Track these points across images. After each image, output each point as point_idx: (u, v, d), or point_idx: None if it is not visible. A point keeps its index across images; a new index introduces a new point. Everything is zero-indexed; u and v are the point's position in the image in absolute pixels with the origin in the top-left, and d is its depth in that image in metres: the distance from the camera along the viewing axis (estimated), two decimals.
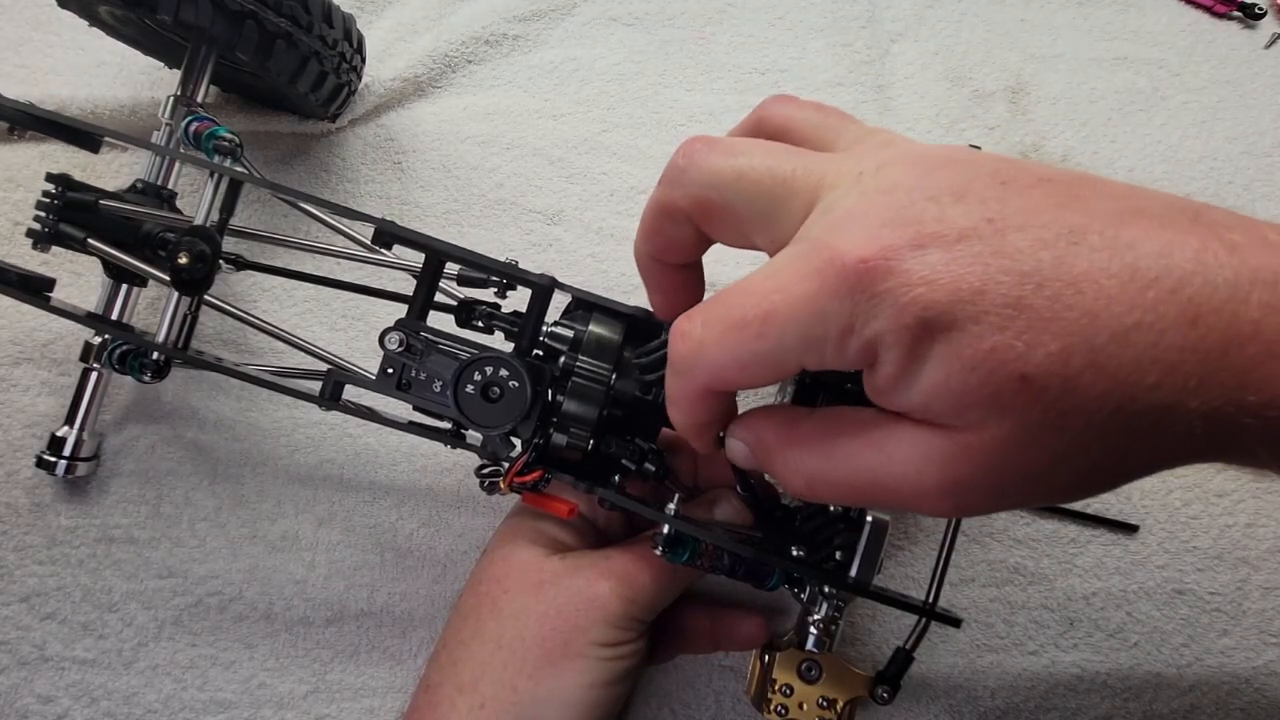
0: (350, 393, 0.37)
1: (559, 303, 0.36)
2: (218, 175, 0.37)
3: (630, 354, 0.34)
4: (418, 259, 0.36)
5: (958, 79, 0.53)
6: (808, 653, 0.37)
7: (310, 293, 0.48)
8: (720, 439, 0.30)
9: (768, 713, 0.37)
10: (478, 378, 0.33)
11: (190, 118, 0.39)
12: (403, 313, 0.36)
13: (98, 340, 0.42)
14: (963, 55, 0.54)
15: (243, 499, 0.46)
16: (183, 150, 0.40)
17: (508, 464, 0.34)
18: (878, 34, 0.54)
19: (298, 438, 0.46)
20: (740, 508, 0.38)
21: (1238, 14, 0.55)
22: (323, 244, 0.40)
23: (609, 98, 0.53)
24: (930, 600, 0.36)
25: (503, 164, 0.51)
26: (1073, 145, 0.52)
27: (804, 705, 0.37)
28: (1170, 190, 0.23)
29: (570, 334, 0.34)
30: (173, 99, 0.42)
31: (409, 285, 0.37)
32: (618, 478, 0.35)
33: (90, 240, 0.39)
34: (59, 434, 0.43)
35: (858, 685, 0.37)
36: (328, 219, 0.41)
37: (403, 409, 0.38)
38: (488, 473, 0.36)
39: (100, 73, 0.51)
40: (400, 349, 0.34)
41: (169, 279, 0.36)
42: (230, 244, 0.40)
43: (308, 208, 0.41)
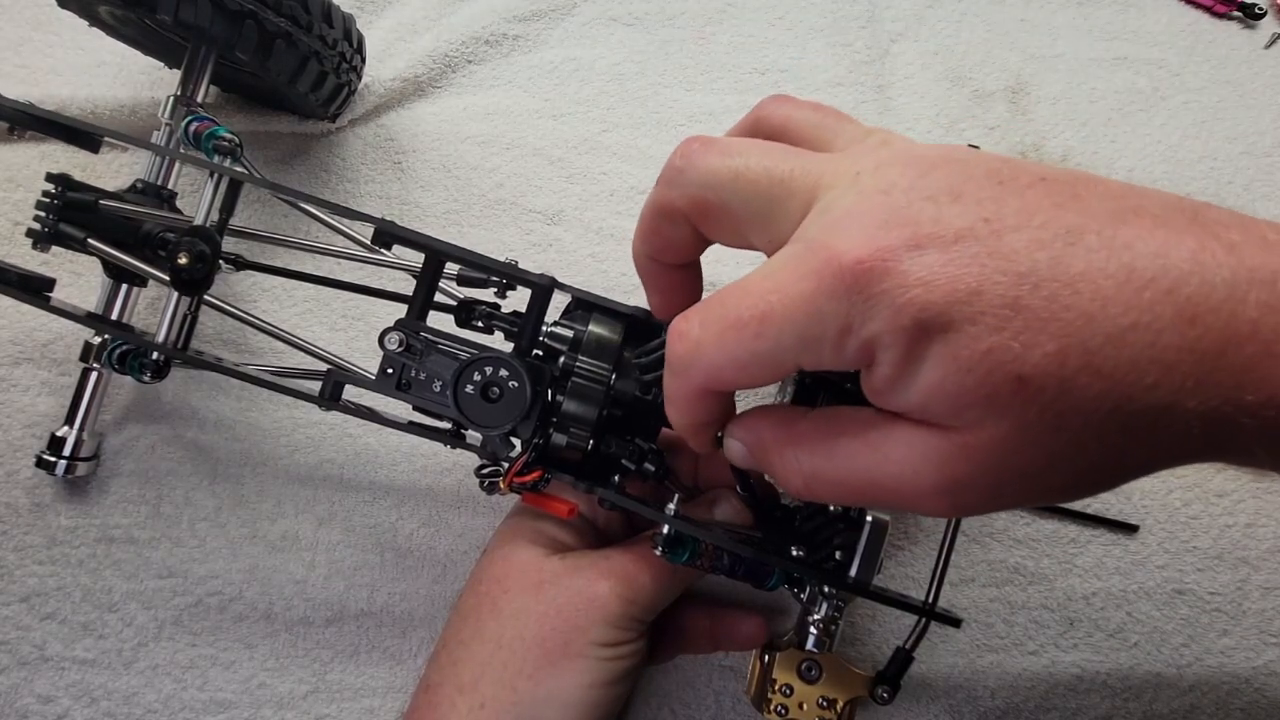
0: (350, 393, 0.37)
1: (559, 303, 0.36)
2: (218, 175, 0.37)
3: (630, 354, 0.34)
4: (417, 259, 0.36)
5: (958, 79, 0.53)
6: (808, 653, 0.37)
7: (310, 293, 0.48)
8: (719, 439, 0.30)
9: (768, 713, 0.37)
10: (477, 378, 0.33)
11: (190, 118, 0.39)
12: (403, 313, 0.36)
13: (98, 340, 0.42)
14: (963, 55, 0.54)
15: (243, 499, 0.46)
16: (183, 150, 0.40)
17: (507, 464, 0.34)
18: (878, 34, 0.54)
19: (298, 438, 0.46)
20: (740, 508, 0.38)
21: (1238, 14, 0.55)
22: (323, 244, 0.40)
23: (609, 98, 0.53)
24: (930, 600, 0.35)
25: (503, 164, 0.51)
26: (1073, 145, 0.52)
27: (804, 705, 0.37)
28: (1170, 190, 0.23)
29: (570, 334, 0.34)
30: (173, 99, 0.42)
31: (409, 285, 0.37)
32: (617, 478, 0.35)
33: (90, 240, 0.39)
34: (59, 434, 0.43)
35: (858, 685, 0.37)
36: (328, 219, 0.41)
37: (403, 409, 0.38)
38: (487, 473, 0.36)
39: (100, 73, 0.51)
40: (400, 349, 0.34)
41: (169, 279, 0.36)
42: (230, 244, 0.40)
43: (308, 208, 0.41)
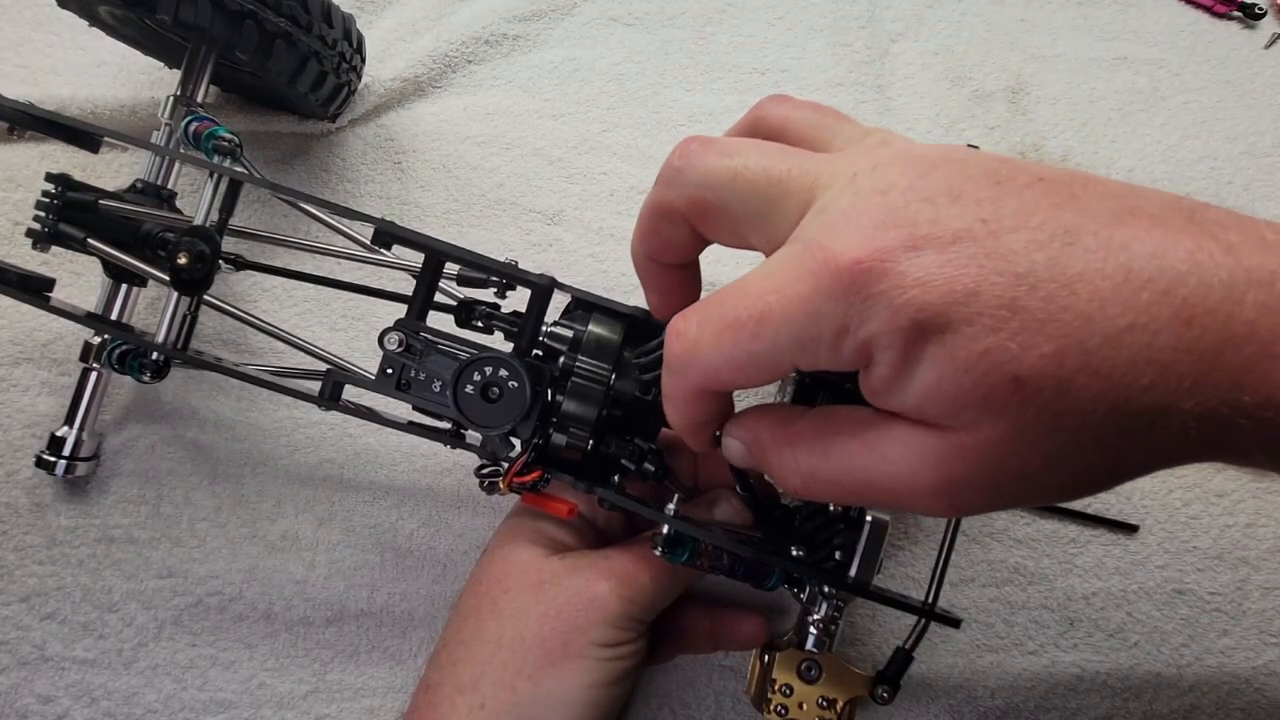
0: (350, 393, 0.37)
1: (559, 303, 0.36)
2: (217, 175, 0.37)
3: (629, 354, 0.34)
4: (417, 259, 0.36)
5: (958, 79, 0.53)
6: (808, 653, 0.37)
7: (310, 293, 0.48)
8: (717, 438, 0.30)
9: (768, 713, 0.37)
10: (477, 378, 0.33)
11: (190, 118, 0.39)
12: (402, 313, 0.36)
13: (97, 340, 0.42)
14: (963, 55, 0.54)
15: (243, 499, 0.46)
16: (182, 150, 0.40)
17: (507, 464, 0.34)
18: (878, 34, 0.54)
19: (298, 438, 0.46)
20: (740, 508, 0.38)
21: (1238, 14, 0.55)
22: (323, 244, 0.40)
23: (609, 98, 0.53)
24: (930, 600, 0.35)
25: (503, 164, 0.51)
26: (1073, 145, 0.52)
27: (804, 705, 0.37)
28: (1170, 190, 0.23)
29: (570, 334, 0.34)
30: (172, 99, 0.42)
31: (409, 285, 0.37)
32: (617, 478, 0.35)
33: (90, 240, 0.39)
34: (59, 434, 0.43)
35: (858, 685, 0.37)
36: (328, 219, 0.41)
37: (403, 409, 0.38)
38: (487, 473, 0.36)
39: (100, 73, 0.51)
40: (400, 349, 0.34)
41: (169, 279, 0.36)
42: (230, 244, 0.40)
43: (308, 208, 0.41)
